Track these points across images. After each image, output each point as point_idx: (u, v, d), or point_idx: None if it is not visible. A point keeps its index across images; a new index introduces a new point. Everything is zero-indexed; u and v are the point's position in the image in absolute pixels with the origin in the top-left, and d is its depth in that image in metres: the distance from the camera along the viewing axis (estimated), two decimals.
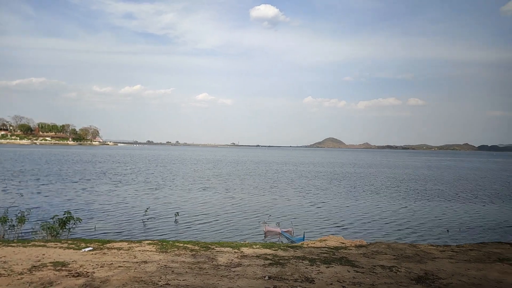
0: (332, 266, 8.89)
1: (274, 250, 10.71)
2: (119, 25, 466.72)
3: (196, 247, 10.79)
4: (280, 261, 9.30)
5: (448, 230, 19.90)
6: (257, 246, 11.50)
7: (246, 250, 10.57)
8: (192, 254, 9.85)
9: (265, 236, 17.79)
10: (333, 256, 10.08)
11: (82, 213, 19.86)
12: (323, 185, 40.80)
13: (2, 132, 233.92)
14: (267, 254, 10.07)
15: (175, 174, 49.81)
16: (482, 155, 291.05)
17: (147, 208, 21.55)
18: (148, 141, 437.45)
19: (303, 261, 9.32)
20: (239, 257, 9.71)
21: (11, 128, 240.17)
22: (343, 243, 12.91)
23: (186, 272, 8.08)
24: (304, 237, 16.58)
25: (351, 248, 11.64)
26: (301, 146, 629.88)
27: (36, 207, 22.00)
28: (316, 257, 9.86)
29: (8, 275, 7.63)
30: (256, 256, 9.85)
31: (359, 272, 8.47)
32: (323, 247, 11.73)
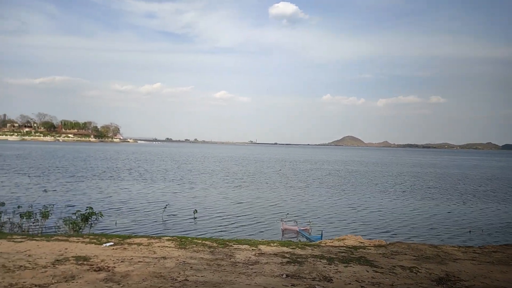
0: (350, 266, 8.81)
1: (292, 248, 10.69)
2: (140, 24, 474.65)
3: (214, 244, 10.87)
4: (298, 259, 9.28)
5: (470, 231, 19.45)
6: (275, 244, 11.50)
7: (263, 248, 10.59)
8: (210, 251, 9.93)
9: (282, 234, 17.79)
10: (351, 256, 9.99)
11: (103, 208, 20.25)
12: (342, 183, 40.47)
13: (27, 129, 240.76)
14: (284, 252, 10.07)
15: (194, 171, 50.26)
16: (507, 154, 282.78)
17: (166, 205, 21.83)
18: (167, 138, 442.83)
19: (321, 260, 9.27)
20: (257, 254, 9.73)
21: (35, 125, 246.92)
22: (361, 242, 12.78)
23: (205, 268, 8.15)
24: (322, 235, 16.49)
25: (370, 247, 11.51)
26: (319, 144, 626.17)
27: (59, 203, 22.57)
28: (334, 256, 9.79)
29: (33, 268, 7.86)
30: (274, 254, 9.85)
31: (378, 272, 8.37)
32: (342, 246, 11.64)
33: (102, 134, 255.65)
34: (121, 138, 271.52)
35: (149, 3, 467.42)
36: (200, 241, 11.24)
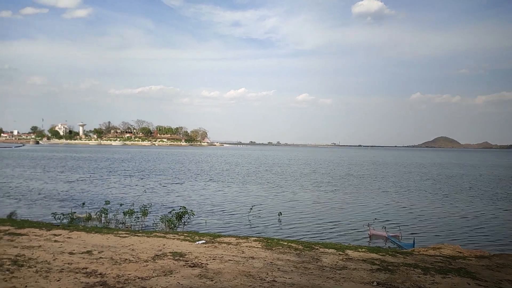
0: (448, 277, 8.16)
1: (382, 255, 10.25)
2: (226, 33, 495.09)
3: (300, 247, 10.89)
4: (389, 267, 8.86)
5: None
6: (363, 249, 11.13)
7: (351, 253, 10.32)
8: (296, 253, 9.97)
9: (370, 240, 17.10)
10: (449, 266, 9.25)
11: (195, 208, 21.49)
12: (436, 188, 37.60)
13: (127, 135, 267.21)
14: (374, 259, 9.69)
15: (281, 174, 50.83)
16: None
17: (252, 206, 22.40)
18: (251, 141, 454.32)
19: (415, 269, 8.74)
20: (344, 259, 9.52)
21: (134, 130, 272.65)
22: (460, 252, 11.76)
23: (292, 270, 8.21)
24: (414, 243, 15.49)
25: (470, 258, 10.54)
26: (408, 146, 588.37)
27: (157, 202, 24.52)
28: (430, 266, 9.15)
29: (136, 261, 8.66)
30: (362, 260, 9.54)
31: (481, 285, 7.63)
32: (437, 256, 10.83)
33: (192, 138, 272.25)
34: (209, 142, 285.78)
35: (234, 12, 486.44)
36: (286, 243, 11.34)
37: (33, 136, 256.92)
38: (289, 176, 46.91)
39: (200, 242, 10.98)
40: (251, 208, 21.73)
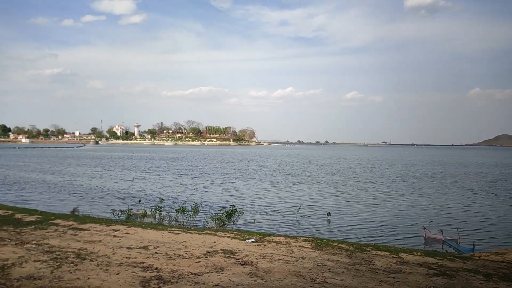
0: None
1: (439, 259, 9.77)
2: (274, 32, 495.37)
3: (351, 248, 10.66)
4: (447, 272, 8.43)
5: None
6: (418, 253, 10.67)
7: (405, 256, 9.93)
8: (347, 255, 9.77)
9: (425, 243, 16.34)
10: None
11: (244, 206, 21.77)
12: (498, 189, 35.14)
13: (179, 135, 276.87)
14: (430, 263, 9.26)
15: (331, 174, 50.11)
16: None
17: (300, 206, 22.27)
18: (298, 141, 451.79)
19: (476, 275, 8.24)
20: (398, 262, 9.19)
21: (185, 131, 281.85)
22: None
23: (343, 272, 8.06)
24: (474, 247, 14.59)
25: None
26: (466, 145, 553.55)
27: (207, 200, 25.14)
28: (493, 272, 8.58)
29: (189, 257, 8.94)
30: (418, 263, 9.15)
31: None
32: (501, 261, 10.13)
33: (240, 138, 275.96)
34: (256, 141, 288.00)
35: (282, 11, 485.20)
36: (336, 244, 11.15)
37: (93, 137, 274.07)
38: (340, 176, 46.05)
39: (250, 240, 11.11)
40: (299, 208, 21.60)
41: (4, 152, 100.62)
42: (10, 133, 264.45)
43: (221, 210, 17.40)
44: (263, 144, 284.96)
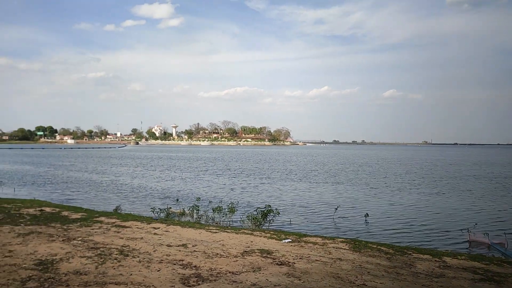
0: None
1: (485, 264, 9.32)
2: (309, 31, 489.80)
3: (391, 250, 10.39)
4: (495, 277, 8.03)
5: None
6: (462, 257, 10.23)
7: (449, 260, 9.56)
8: (387, 257, 9.53)
9: (469, 247, 15.61)
10: None
11: (280, 206, 21.74)
12: None
13: (214, 135, 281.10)
14: (476, 268, 8.86)
15: (371, 174, 49.05)
16: None
17: (338, 206, 21.94)
18: (334, 140, 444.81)
19: None
20: (441, 266, 8.86)
21: (221, 131, 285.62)
22: None
23: (383, 275, 7.87)
24: None
25: None
26: None
27: (243, 200, 25.33)
28: None
29: (226, 256, 9.06)
30: (462, 268, 8.78)
31: None
32: None
33: (275, 137, 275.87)
34: (292, 141, 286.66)
35: (317, 10, 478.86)
36: (375, 246, 10.91)
37: (133, 138, 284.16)
38: (380, 177, 44.94)
39: (286, 240, 11.09)
40: (336, 209, 21.29)
41: (52, 153, 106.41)
42: (56, 134, 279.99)
43: (256, 209, 17.48)
44: (298, 144, 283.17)
